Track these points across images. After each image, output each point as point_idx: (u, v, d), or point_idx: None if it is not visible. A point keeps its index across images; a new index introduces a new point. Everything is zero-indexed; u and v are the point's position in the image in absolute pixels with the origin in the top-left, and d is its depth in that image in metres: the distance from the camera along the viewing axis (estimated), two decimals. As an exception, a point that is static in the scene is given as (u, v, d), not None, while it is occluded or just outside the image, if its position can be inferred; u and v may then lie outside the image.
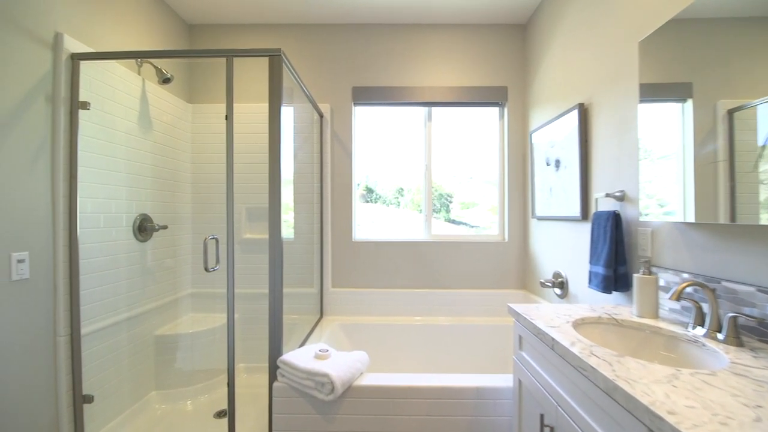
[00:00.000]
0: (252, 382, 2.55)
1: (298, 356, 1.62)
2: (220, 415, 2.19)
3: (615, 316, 1.27)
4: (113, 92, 1.95)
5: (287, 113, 1.89)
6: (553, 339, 1.05)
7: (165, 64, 2.39)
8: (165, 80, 2.20)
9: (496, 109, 2.77)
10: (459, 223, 2.84)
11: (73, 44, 1.69)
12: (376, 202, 2.87)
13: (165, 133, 2.38)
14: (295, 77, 1.96)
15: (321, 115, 2.63)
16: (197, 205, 2.67)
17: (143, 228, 2.16)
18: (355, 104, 2.72)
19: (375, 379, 1.61)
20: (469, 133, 2.81)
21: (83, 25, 1.79)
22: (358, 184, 2.81)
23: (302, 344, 2.11)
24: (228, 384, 1.69)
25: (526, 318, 1.25)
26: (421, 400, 1.57)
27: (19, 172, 1.49)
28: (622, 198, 1.59)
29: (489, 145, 2.80)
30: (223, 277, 1.87)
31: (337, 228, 2.67)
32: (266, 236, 1.74)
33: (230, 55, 1.67)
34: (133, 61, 2.11)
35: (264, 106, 2.69)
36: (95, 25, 1.86)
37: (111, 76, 1.93)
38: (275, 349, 1.69)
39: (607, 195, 1.64)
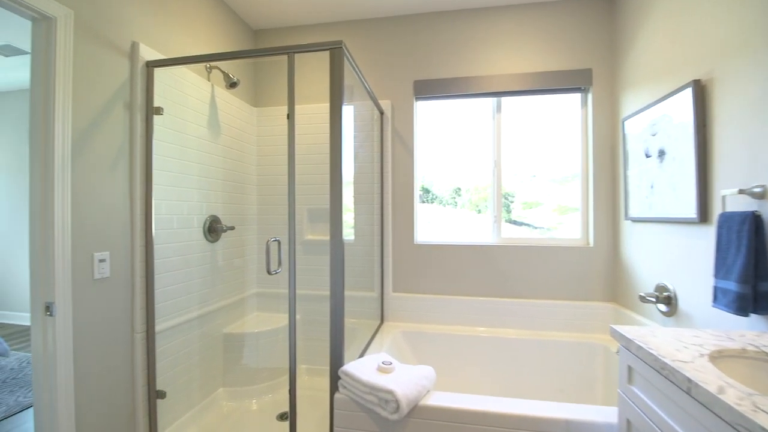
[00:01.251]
0: (313, 385, 2.52)
1: (360, 368, 1.51)
2: (282, 417, 2.17)
3: (765, 349, 0.96)
4: (185, 98, 2.02)
5: (348, 111, 1.81)
6: (688, 380, 0.80)
7: (231, 69, 2.45)
8: (232, 84, 2.25)
9: (576, 96, 2.44)
10: (521, 224, 2.56)
11: (148, 52, 1.76)
12: (432, 202, 2.70)
13: (232, 137, 2.45)
14: (356, 71, 1.86)
15: (381, 112, 2.52)
16: (262, 207, 2.72)
17: (213, 229, 2.22)
18: (417, 99, 2.57)
19: (444, 399, 1.45)
20: (540, 126, 2.51)
21: (157, 34, 1.86)
22: (432, 184, 2.66)
23: (363, 352, 2.01)
24: (290, 391, 1.64)
25: (641, 347, 1.00)
26: (498, 429, 1.37)
27: (102, 176, 1.57)
28: (762, 195, 1.24)
29: (562, 137, 2.47)
30: (286, 278, 1.84)
31: (398, 230, 2.54)
32: (327, 238, 1.66)
33: (291, 51, 1.62)
34: (203, 67, 2.18)
35: (324, 107, 2.70)
36: (168, 34, 1.93)
37: (182, 82, 2.00)
38: (336, 357, 1.60)
39: (741, 192, 1.29)
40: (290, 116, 1.65)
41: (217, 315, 2.29)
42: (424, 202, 2.69)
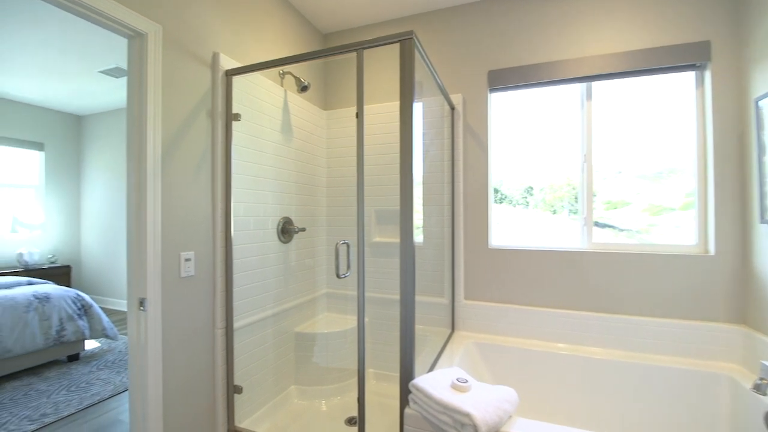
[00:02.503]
0: (381, 390, 2.46)
1: (432, 382, 1.40)
2: (350, 422, 2.14)
3: None
4: (260, 104, 2.09)
5: (418, 108, 1.71)
6: None
7: (302, 73, 2.50)
8: (303, 88, 2.29)
9: (688, 75, 2.04)
10: (603, 225, 2.21)
11: (227, 62, 1.85)
12: (501, 202, 2.47)
13: (304, 140, 2.49)
14: (427, 64, 1.75)
15: (452, 107, 2.37)
16: (331, 208, 2.74)
17: (285, 230, 2.28)
18: (492, 90, 2.37)
19: (529, 428, 1.27)
20: (633, 115, 2.15)
21: (235, 44, 1.95)
22: (501, 183, 2.45)
23: (434, 362, 1.89)
24: (358, 399, 1.59)
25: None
26: (598, 472, 1.15)
27: (187, 180, 1.67)
28: None
29: (660, 126, 2.08)
30: (355, 281, 1.80)
31: (471, 232, 2.37)
32: (396, 240, 1.58)
33: (360, 48, 1.57)
34: (277, 73, 2.25)
35: (393, 105, 2.64)
36: (244, 43, 2.01)
37: (258, 88, 2.07)
38: (407, 368, 1.50)
39: None
40: (359, 115, 1.60)
41: (290, 314, 2.34)
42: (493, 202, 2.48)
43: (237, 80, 1.88)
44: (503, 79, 2.29)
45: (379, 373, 2.55)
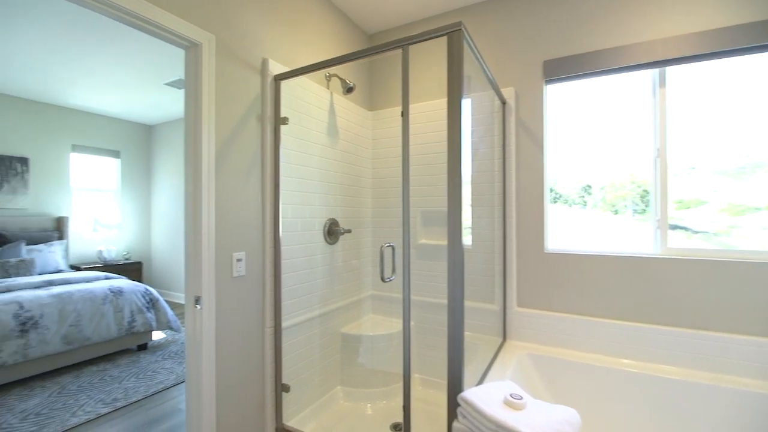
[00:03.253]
0: (427, 397, 2.39)
1: (483, 396, 1.31)
2: (396, 428, 2.09)
3: None
4: (307, 107, 2.11)
5: (467, 104, 1.62)
6: None
7: (348, 75, 2.50)
8: (348, 90, 2.28)
9: (793, 52, 1.74)
10: (675, 227, 1.95)
11: (275, 67, 1.89)
12: (555, 202, 2.28)
13: (349, 142, 2.50)
14: (477, 57, 1.66)
15: (503, 102, 2.24)
16: (376, 210, 2.72)
17: (331, 231, 2.29)
18: (548, 82, 2.20)
19: (594, 455, 1.13)
20: (709, 103, 1.87)
21: (283, 49, 1.98)
22: (555, 182, 2.27)
23: (485, 374, 1.78)
24: (404, 407, 1.54)
25: None
26: None
27: (238, 183, 1.73)
28: None
29: (745, 115, 1.78)
30: (400, 283, 1.76)
31: (524, 235, 2.22)
32: (443, 242, 1.50)
33: (405, 44, 1.52)
34: (323, 76, 2.27)
35: (439, 103, 2.56)
36: (292, 48, 2.05)
37: (305, 92, 2.09)
38: (455, 378, 1.42)
39: None
40: (404, 114, 1.55)
41: (336, 315, 2.35)
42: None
43: (285, 84, 1.92)
44: (560, 68, 2.12)
45: (426, 379, 2.48)
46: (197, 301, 1.58)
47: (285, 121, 1.90)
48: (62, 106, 4.58)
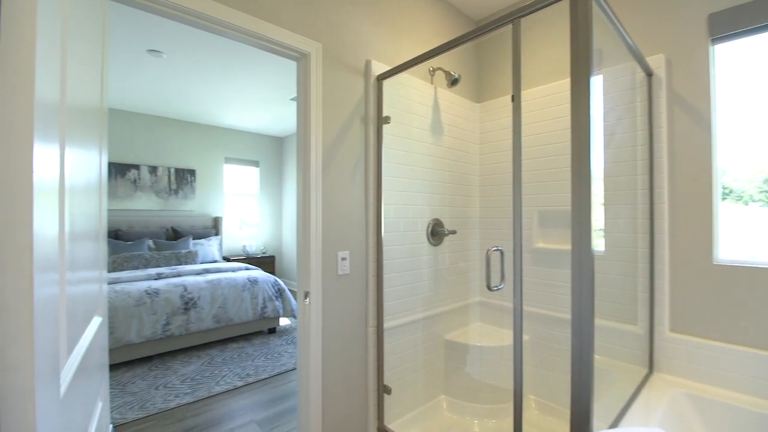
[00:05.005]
0: (544, 424, 2.08)
1: (619, 444, 1.03)
2: (506, 453, 1.87)
3: None
4: (410, 104, 2.06)
5: (597, 82, 1.31)
6: None
7: (453, 66, 2.37)
8: (453, 82, 2.15)
9: None
10: None
11: (377, 67, 1.88)
12: (725, 198, 1.70)
13: (455, 137, 2.36)
14: (610, 19, 1.35)
15: (649, 73, 1.79)
16: (485, 209, 2.51)
17: (435, 232, 2.19)
18: (715, 41, 1.68)
19: None
20: None
21: (385, 48, 1.97)
22: (724, 173, 1.72)
23: (623, 412, 1.44)
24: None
25: None
26: None
27: (342, 184, 1.77)
28: None
29: None
30: (511, 291, 1.55)
31: (682, 241, 1.73)
32: (565, 246, 1.25)
33: (516, 17, 1.32)
34: (427, 71, 2.18)
35: (560, 85, 2.21)
36: (394, 46, 2.02)
37: (408, 89, 2.05)
38: (581, 412, 1.17)
39: None
40: (516, 98, 1.35)
41: (440, 320, 2.24)
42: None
43: (387, 83, 1.90)
44: (735, 21, 1.59)
45: (543, 403, 2.17)
46: (306, 295, 1.67)
47: (387, 120, 1.88)
48: (218, 126, 5.57)
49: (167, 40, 2.84)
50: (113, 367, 2.97)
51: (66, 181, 0.57)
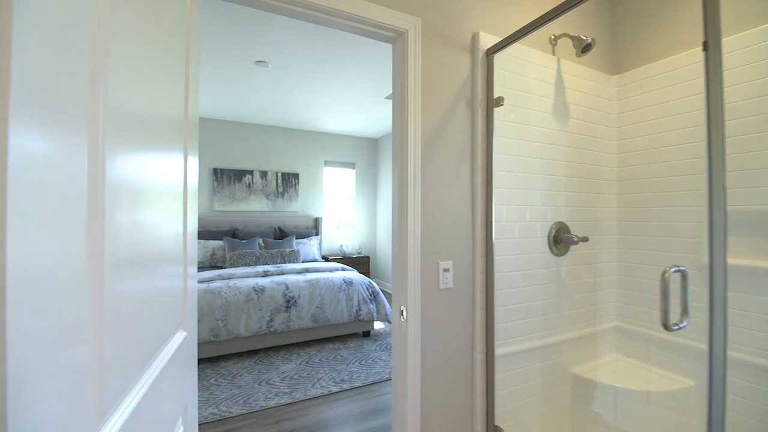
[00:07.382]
0: None
1: None
2: None
3: None
4: (526, 82, 1.69)
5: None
6: None
7: (581, 30, 1.90)
8: (585, 48, 1.70)
9: None
10: None
11: (487, 39, 1.56)
12: None
13: (584, 120, 1.89)
14: None
15: None
16: (626, 210, 1.97)
17: (559, 239, 1.77)
18: None
19: None
20: None
21: (496, 16, 1.63)
22: None
23: None
24: None
25: None
26: None
27: (444, 181, 1.50)
28: None
29: None
30: (693, 329, 1.07)
31: None
32: (762, 263, 0.78)
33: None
34: (548, 40, 1.78)
35: (747, 37, 1.52)
36: (506, 12, 1.67)
37: (524, 64, 1.67)
38: None
39: None
40: (707, 45, 0.91)
41: (565, 348, 1.81)
42: None
43: (498, 58, 1.57)
44: None
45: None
46: (402, 313, 1.45)
47: (500, 101, 1.54)
48: (318, 131, 5.80)
49: (271, 48, 2.93)
50: (226, 357, 3.21)
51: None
